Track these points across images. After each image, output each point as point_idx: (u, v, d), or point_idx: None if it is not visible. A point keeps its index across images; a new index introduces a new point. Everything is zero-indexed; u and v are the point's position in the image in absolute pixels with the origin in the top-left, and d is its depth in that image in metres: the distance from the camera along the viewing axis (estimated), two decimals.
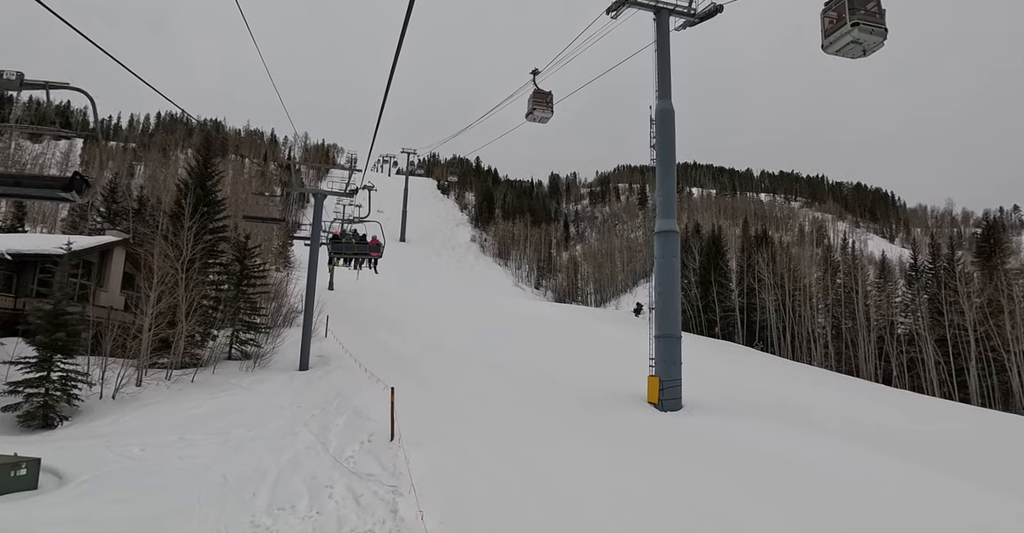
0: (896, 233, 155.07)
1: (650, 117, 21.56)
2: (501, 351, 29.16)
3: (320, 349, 25.20)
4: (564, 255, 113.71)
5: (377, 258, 25.09)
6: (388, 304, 45.65)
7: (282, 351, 24.41)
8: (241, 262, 25.12)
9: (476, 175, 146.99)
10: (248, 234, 26.83)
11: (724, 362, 33.65)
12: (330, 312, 35.15)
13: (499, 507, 9.58)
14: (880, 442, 16.40)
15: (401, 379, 19.52)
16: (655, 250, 20.63)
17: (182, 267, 20.17)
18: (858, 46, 12.22)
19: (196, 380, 19.99)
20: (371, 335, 30.88)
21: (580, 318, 53.75)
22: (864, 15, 11.56)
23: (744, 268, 54.00)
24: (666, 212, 20.57)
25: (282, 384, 20.01)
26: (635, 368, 27.83)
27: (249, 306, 24.99)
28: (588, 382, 22.75)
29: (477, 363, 24.79)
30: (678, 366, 19.62)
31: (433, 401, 17.13)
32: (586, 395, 20.23)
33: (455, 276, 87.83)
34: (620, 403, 19.70)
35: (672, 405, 19.22)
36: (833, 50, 12.57)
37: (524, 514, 9.37)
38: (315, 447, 13.46)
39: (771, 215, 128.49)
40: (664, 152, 20.88)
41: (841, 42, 12.33)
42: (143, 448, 12.99)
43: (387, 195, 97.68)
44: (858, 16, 11.51)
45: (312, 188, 22.86)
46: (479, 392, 19.12)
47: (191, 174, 26.17)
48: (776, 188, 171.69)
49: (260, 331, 24.87)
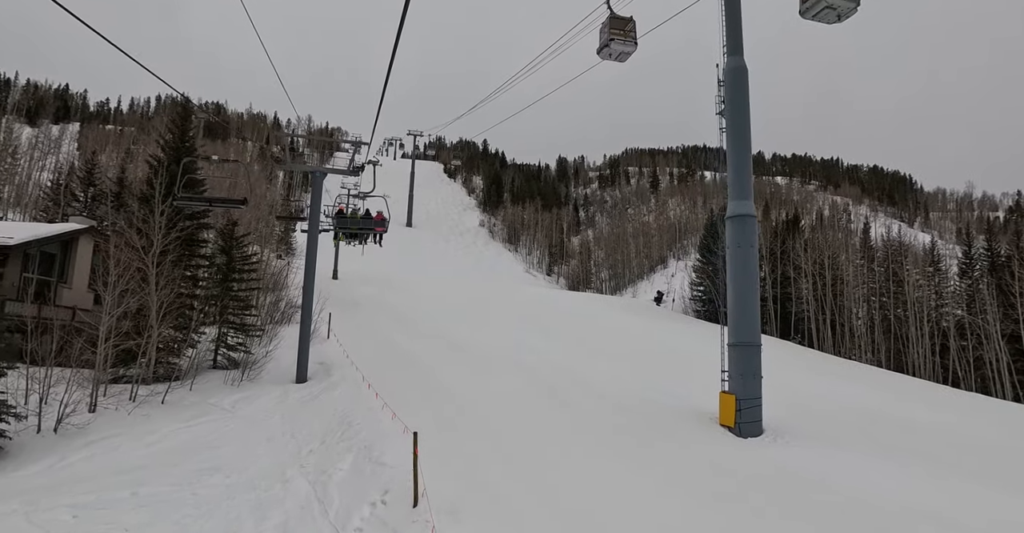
0: (915, 217, 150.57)
1: (717, 78, 17.76)
2: (525, 349, 25.65)
3: (322, 354, 21.66)
4: (575, 240, 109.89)
5: (382, 233, 24.76)
6: (396, 294, 42.17)
7: (277, 356, 20.85)
8: (227, 253, 21.55)
9: (483, 158, 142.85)
10: (235, 220, 23.16)
11: (777, 361, 29.92)
12: (334, 305, 31.69)
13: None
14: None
15: (419, 399, 16.02)
16: (727, 238, 16.95)
17: (153, 260, 16.59)
18: (832, 11, 12.77)
19: (168, 400, 16.22)
20: (379, 333, 27.35)
21: (600, 307, 50.22)
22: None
23: (778, 254, 50.22)
24: (740, 192, 16.87)
25: (274, 403, 16.45)
26: (680, 370, 24.40)
27: (237, 305, 21.44)
28: (636, 392, 19.25)
29: (503, 367, 21.25)
30: (758, 381, 16.05)
31: (464, 432, 13.57)
32: (642, 413, 16.71)
33: (464, 262, 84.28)
34: (686, 425, 16.19)
35: (751, 430, 15.68)
36: (810, 15, 13.11)
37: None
38: (310, 507, 9.96)
39: (789, 199, 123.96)
40: (736, 119, 17.12)
41: (817, 7, 12.84)
42: (76, 514, 9.46)
43: (393, 179, 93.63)
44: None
45: (310, 166, 19.06)
46: (517, 413, 15.57)
47: (165, 148, 22.52)
48: (791, 171, 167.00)
49: (251, 333, 21.32)
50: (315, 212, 19.44)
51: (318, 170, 18.91)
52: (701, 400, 17.86)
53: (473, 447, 12.54)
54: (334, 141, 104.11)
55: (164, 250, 16.93)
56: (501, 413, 15.35)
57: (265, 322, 26.43)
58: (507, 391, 17.68)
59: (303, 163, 19.39)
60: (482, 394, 17.12)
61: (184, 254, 19.65)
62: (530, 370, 21.20)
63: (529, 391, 18.04)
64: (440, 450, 11.36)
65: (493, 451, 12.38)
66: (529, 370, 21.16)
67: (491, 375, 19.95)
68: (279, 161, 21.05)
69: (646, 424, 15.70)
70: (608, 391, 19.26)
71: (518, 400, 16.79)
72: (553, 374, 20.98)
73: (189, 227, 19.91)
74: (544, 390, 18.32)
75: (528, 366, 21.92)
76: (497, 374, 20.10)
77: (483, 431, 13.82)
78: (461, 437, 13.16)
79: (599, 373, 22.19)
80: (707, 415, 16.82)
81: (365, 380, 17.46)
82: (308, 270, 18.73)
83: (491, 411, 15.60)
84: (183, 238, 18.76)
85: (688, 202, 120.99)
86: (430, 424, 13.12)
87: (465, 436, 13.31)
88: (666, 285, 72.03)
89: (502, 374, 20.09)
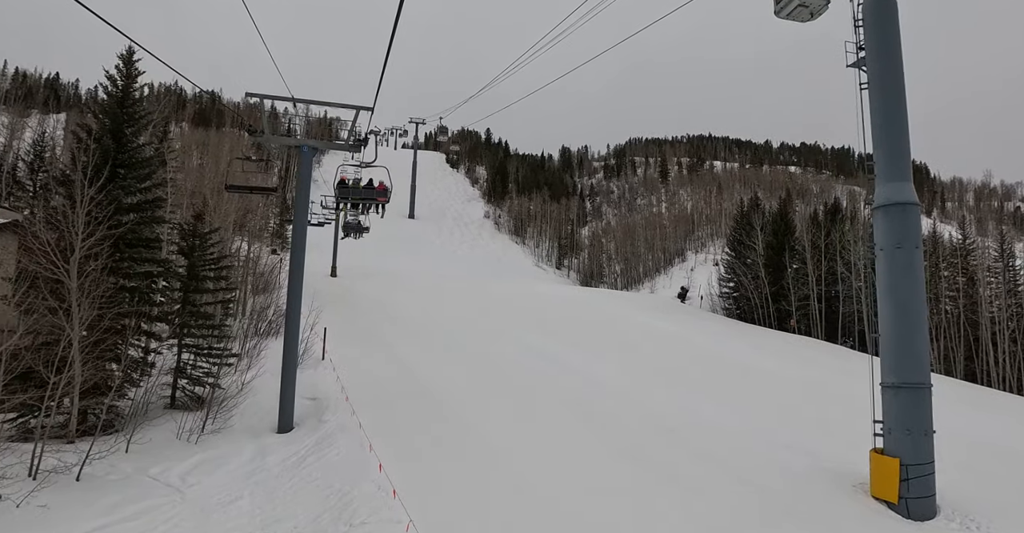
0: (932, 207, 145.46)
1: (853, 18, 12.91)
2: (569, 372, 21.02)
3: (314, 384, 16.89)
4: (583, 231, 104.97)
5: (384, 203, 24.72)
6: (401, 294, 37.50)
7: (257, 387, 16.03)
8: (188, 255, 16.66)
9: (487, 148, 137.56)
10: (199, 212, 18.06)
11: (846, 373, 25.26)
12: (332, 309, 27.04)
13: None
14: None
15: (451, 471, 11.30)
16: (879, 236, 12.10)
17: (73, 268, 11.73)
18: (805, 9, 12.72)
19: (88, 473, 11.15)
20: (386, 350, 22.59)
21: (622, 306, 45.54)
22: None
23: (821, 248, 45.32)
24: (895, 170, 12.13)
25: (244, 471, 11.72)
26: (766, 398, 19.72)
27: (202, 323, 16.69)
28: (725, 435, 14.58)
29: (553, 406, 16.36)
30: (930, 439, 11.36)
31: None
32: (751, 474, 12.02)
33: (471, 256, 79.43)
34: (820, 495, 11.60)
35: (923, 508, 11.10)
36: (784, 14, 13.09)
37: None
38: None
39: (806, 188, 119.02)
40: (887, 70, 12.37)
41: (790, 6, 12.83)
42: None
43: (394, 170, 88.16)
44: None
45: (296, 139, 13.97)
46: (607, 499, 10.77)
47: (99, 114, 16.04)
48: (804, 161, 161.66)
49: (222, 359, 16.44)
50: (303, 196, 14.54)
51: (306, 144, 13.92)
52: (824, 450, 13.27)
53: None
54: (332, 104, 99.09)
55: (90, 254, 12.03)
56: (584, 502, 10.52)
57: (247, 334, 21.62)
58: (575, 452, 12.87)
59: (289, 136, 15.49)
60: (542, 460, 12.25)
61: (123, 258, 14.69)
62: (587, 408, 16.45)
63: (604, 451, 13.22)
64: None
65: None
66: (585, 408, 16.41)
67: (543, 422, 15.01)
68: (253, 132, 15.70)
69: (762, 495, 11.05)
70: (690, 435, 14.56)
71: (597, 469, 12.00)
72: (620, 411, 16.31)
73: (128, 222, 14.78)
74: (622, 446, 13.52)
75: (582, 400, 17.17)
76: (550, 418, 15.27)
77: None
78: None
79: (666, 404, 17.51)
80: (847, 480, 12.19)
81: (368, 439, 12.57)
82: (293, 281, 13.91)
83: (562, 492, 10.80)
84: (120, 237, 13.77)
85: (702, 192, 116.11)
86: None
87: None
88: (687, 280, 67.11)
89: (556, 419, 15.27)
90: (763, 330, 43.82)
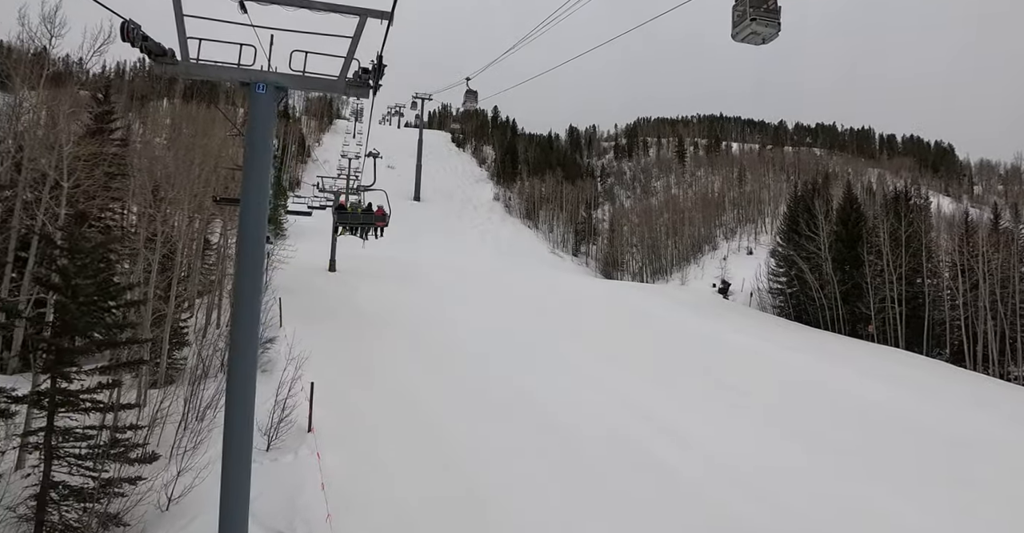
0: (960, 191, 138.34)
1: None
2: (650, 425, 14.71)
3: (289, 497, 10.29)
4: (598, 214, 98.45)
5: (383, 227, 24.65)
6: (409, 292, 31.51)
7: (198, 501, 9.50)
8: (64, 280, 9.50)
9: (494, 127, 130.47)
10: (83, 211, 11.26)
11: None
12: (327, 323, 21.01)
13: None
14: None
15: None
16: None
17: None
18: (757, 36, 13.60)
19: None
20: (394, 389, 16.20)
21: (659, 304, 39.26)
22: (763, 13, 13.04)
23: (901, 240, 38.73)
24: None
25: None
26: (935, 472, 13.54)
27: (86, 407, 9.57)
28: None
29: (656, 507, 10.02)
30: None
31: None
32: None
33: (482, 243, 73.01)
34: None
35: None
36: (739, 38, 13.92)
37: None
38: None
39: (835, 171, 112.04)
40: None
41: (744, 33, 13.67)
42: None
43: (398, 150, 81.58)
44: (757, 13, 13.01)
45: (240, 67, 7.05)
46: None
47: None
48: (818, 142, 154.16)
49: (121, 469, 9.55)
50: (260, 172, 7.61)
51: (263, 81, 7.12)
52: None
53: None
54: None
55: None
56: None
57: (187, 411, 14.56)
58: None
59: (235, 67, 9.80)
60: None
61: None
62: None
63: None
64: None
65: None
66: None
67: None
68: (153, 54, 8.51)
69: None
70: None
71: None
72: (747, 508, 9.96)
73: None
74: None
75: (711, 503, 10.83)
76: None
77: None
78: None
79: (804, 490, 11.17)
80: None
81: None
82: (240, 329, 7.31)
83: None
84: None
85: (723, 174, 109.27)
86: None
87: None
88: (721, 270, 60.47)
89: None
90: (836, 337, 37.50)
